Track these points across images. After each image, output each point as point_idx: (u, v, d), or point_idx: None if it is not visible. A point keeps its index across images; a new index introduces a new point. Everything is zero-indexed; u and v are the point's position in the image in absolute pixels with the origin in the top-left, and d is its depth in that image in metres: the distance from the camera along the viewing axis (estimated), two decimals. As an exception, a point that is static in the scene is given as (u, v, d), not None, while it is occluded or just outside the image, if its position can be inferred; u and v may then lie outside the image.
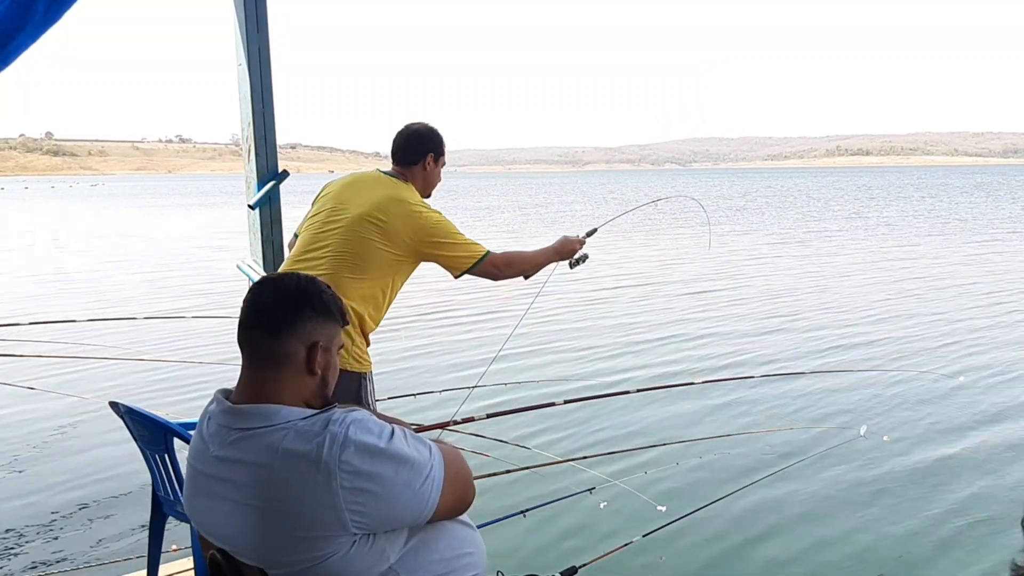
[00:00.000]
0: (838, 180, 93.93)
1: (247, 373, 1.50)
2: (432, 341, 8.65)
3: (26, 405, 6.32)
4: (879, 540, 4.01)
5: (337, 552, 1.40)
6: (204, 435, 1.51)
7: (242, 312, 1.51)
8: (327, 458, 1.36)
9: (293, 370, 1.48)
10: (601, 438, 5.44)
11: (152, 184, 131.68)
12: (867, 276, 13.62)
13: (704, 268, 14.79)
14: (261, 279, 1.61)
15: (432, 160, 2.98)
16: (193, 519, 1.57)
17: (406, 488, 1.43)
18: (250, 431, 1.43)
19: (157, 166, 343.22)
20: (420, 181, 2.97)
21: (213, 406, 1.52)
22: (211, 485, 1.48)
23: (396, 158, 2.98)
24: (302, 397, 1.49)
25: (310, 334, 1.49)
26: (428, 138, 2.99)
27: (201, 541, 1.60)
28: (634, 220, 23.49)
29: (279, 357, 1.47)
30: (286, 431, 1.41)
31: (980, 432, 5.56)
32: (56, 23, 1.55)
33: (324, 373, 1.52)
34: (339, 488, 1.36)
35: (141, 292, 12.84)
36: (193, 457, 1.54)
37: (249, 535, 1.43)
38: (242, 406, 1.46)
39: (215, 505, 1.47)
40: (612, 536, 3.88)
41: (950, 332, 8.84)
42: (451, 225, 2.87)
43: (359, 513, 1.39)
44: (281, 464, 1.38)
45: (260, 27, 3.35)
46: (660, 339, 8.68)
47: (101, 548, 4.00)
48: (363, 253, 2.74)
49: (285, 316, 1.48)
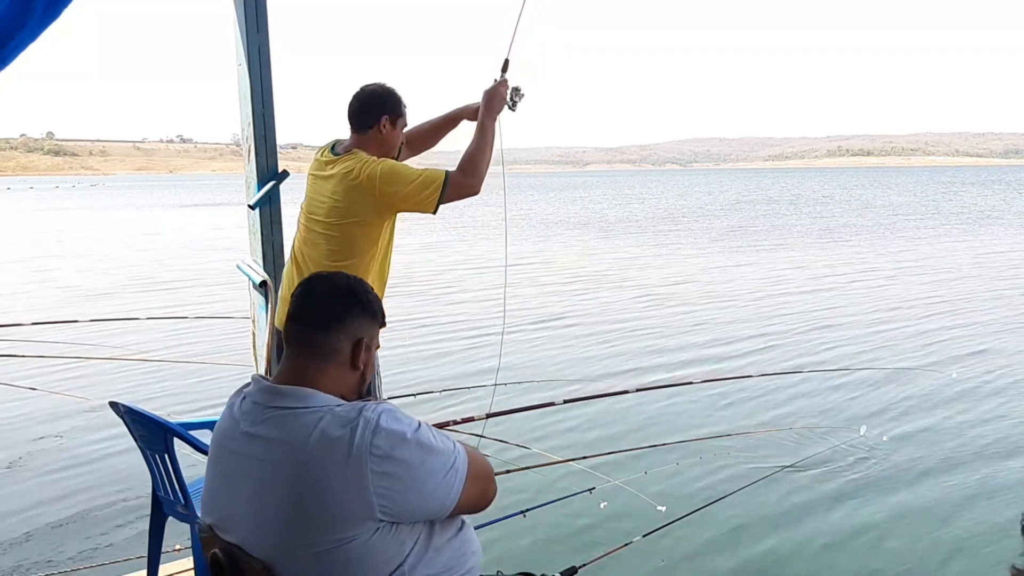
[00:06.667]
0: (834, 179, 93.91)
1: (292, 362, 1.57)
2: (431, 341, 8.64)
3: (27, 405, 6.32)
4: (880, 540, 4.01)
5: (359, 537, 1.42)
6: (235, 413, 1.55)
7: (292, 305, 1.60)
8: (359, 442, 1.41)
9: (337, 364, 1.56)
10: (601, 438, 5.44)
11: (153, 184, 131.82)
12: (877, 275, 13.62)
13: (702, 268, 14.81)
14: (313, 275, 1.70)
15: (388, 123, 2.80)
16: (210, 503, 1.58)
17: (432, 476, 1.47)
18: (287, 410, 1.47)
19: (158, 166, 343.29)
20: (376, 146, 2.80)
21: (250, 386, 1.57)
22: (236, 463, 1.51)
23: (352, 124, 2.83)
24: (340, 390, 1.55)
25: (356, 331, 1.58)
26: (382, 99, 2.80)
27: (202, 541, 1.60)
28: (645, 221, 23.41)
29: (325, 350, 1.55)
30: (323, 414, 1.46)
31: (981, 431, 5.56)
32: (55, 21, 1.56)
33: (364, 370, 1.61)
34: (368, 472, 1.40)
35: (142, 292, 12.85)
36: (220, 436, 1.58)
37: (271, 515, 1.44)
38: (282, 386, 1.52)
39: (237, 485, 1.50)
40: (612, 536, 3.88)
41: (951, 332, 8.83)
42: (402, 167, 2.74)
43: (386, 498, 1.42)
44: (315, 445, 1.42)
45: (260, 27, 3.35)
46: (660, 339, 8.68)
47: (101, 548, 4.00)
48: (346, 242, 2.76)
49: (336, 312, 1.57)
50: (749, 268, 14.95)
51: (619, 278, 13.76)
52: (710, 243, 20.21)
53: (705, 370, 7.26)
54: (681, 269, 15.06)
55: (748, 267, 15.13)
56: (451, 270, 13.69)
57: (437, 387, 6.21)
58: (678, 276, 14.01)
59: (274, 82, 3.42)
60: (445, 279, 13.08)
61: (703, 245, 19.71)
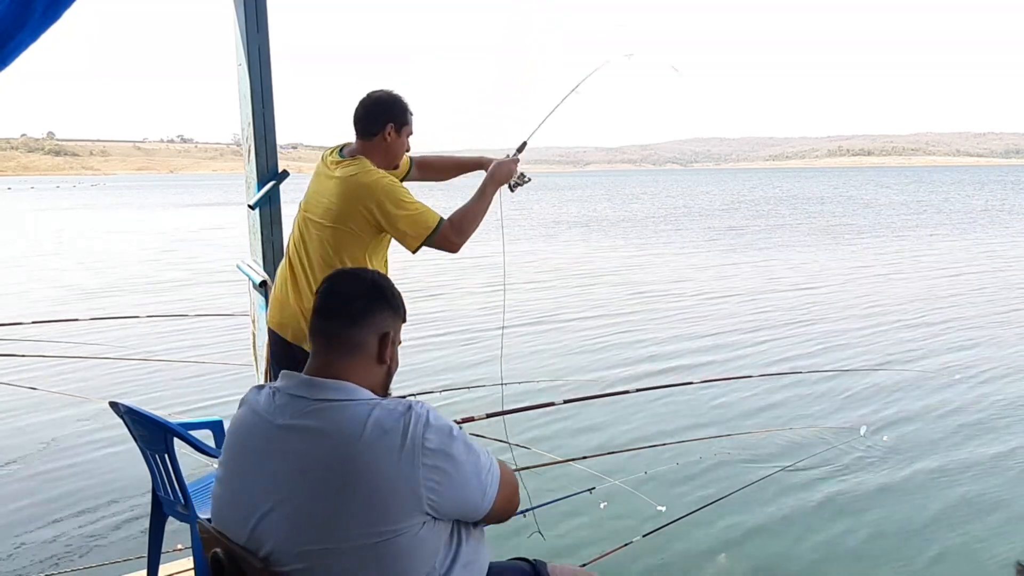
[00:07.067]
0: (834, 179, 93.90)
1: (321, 359, 1.57)
2: (430, 341, 8.64)
3: (28, 405, 6.33)
4: (880, 539, 4.01)
5: (408, 531, 1.43)
6: (260, 410, 1.54)
7: (318, 301, 1.61)
8: (412, 435, 1.43)
9: (365, 359, 1.58)
10: (601, 438, 5.44)
11: (153, 184, 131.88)
12: (874, 276, 13.63)
13: (698, 268, 14.80)
14: (337, 272, 1.72)
15: (393, 130, 2.78)
16: (227, 505, 1.54)
17: (474, 476, 1.51)
18: (336, 402, 1.48)
19: (159, 166, 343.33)
20: (381, 154, 2.78)
21: (280, 382, 1.57)
22: (263, 461, 1.49)
23: (357, 130, 2.81)
24: (369, 385, 1.56)
25: (381, 325, 1.60)
26: (388, 107, 2.78)
27: (203, 541, 1.59)
28: (639, 224, 23.39)
29: (354, 346, 1.57)
30: (373, 406, 1.48)
31: (981, 430, 5.56)
32: (55, 22, 1.56)
33: (390, 364, 1.63)
34: (420, 464, 1.43)
35: (142, 292, 12.86)
36: (242, 435, 1.55)
37: (314, 508, 1.42)
38: (323, 379, 1.52)
39: (260, 483, 1.47)
40: (612, 536, 3.88)
41: (952, 331, 8.83)
42: (403, 192, 2.71)
43: (434, 491, 1.44)
44: (369, 435, 1.43)
45: (260, 27, 3.36)
46: (660, 339, 8.68)
47: (101, 548, 4.01)
48: (337, 246, 2.75)
49: (361, 307, 1.59)
50: (749, 267, 14.95)
51: (618, 277, 13.75)
52: (709, 243, 20.22)
53: (705, 370, 7.26)
54: (681, 269, 15.05)
55: (748, 266, 15.12)
56: (448, 270, 13.69)
57: (436, 387, 6.21)
58: (679, 276, 14.00)
59: (274, 82, 3.42)
60: (442, 279, 13.08)
61: (703, 245, 19.71)
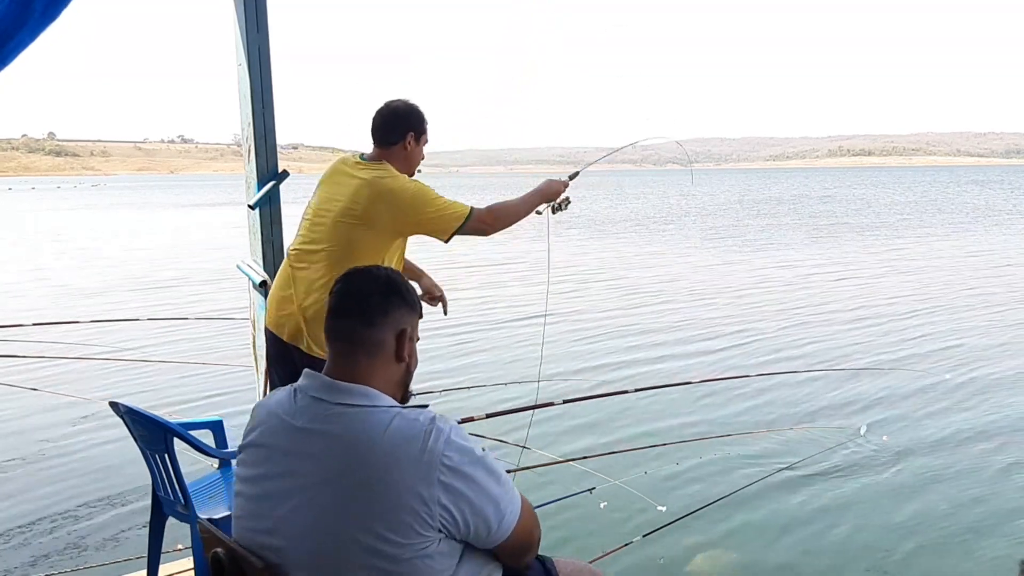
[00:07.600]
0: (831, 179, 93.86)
1: (339, 359, 1.54)
2: (430, 341, 8.64)
3: (29, 405, 6.33)
4: (881, 539, 4.00)
5: (419, 547, 1.39)
6: (280, 412, 1.51)
7: (333, 301, 1.57)
8: (432, 448, 1.40)
9: (384, 358, 1.55)
10: (601, 438, 5.44)
11: (154, 184, 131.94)
12: (869, 275, 13.62)
13: (694, 267, 14.80)
14: (350, 271, 1.65)
15: (413, 139, 2.88)
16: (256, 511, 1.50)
17: (493, 502, 1.46)
18: (358, 408, 1.46)
19: (159, 166, 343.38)
20: (401, 161, 2.87)
21: (301, 381, 1.54)
22: (285, 462, 1.47)
23: (376, 138, 2.88)
24: (390, 384, 1.55)
25: (398, 322, 1.57)
26: (407, 116, 2.87)
27: (203, 541, 1.59)
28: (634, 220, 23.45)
29: (371, 344, 1.53)
30: (394, 414, 1.45)
31: (981, 430, 5.56)
32: (55, 21, 1.56)
33: (409, 361, 1.60)
34: (437, 480, 1.39)
35: (142, 292, 12.86)
36: (266, 436, 1.52)
37: (326, 513, 1.41)
38: (346, 384, 1.49)
39: (282, 486, 1.46)
40: (612, 536, 3.88)
41: (952, 330, 8.83)
42: (430, 192, 2.80)
43: (448, 511, 1.40)
44: (390, 443, 1.40)
45: (260, 27, 3.36)
46: (659, 339, 8.69)
47: (101, 548, 4.01)
48: (352, 247, 2.75)
49: (379, 305, 1.55)
50: (746, 267, 14.94)
51: (618, 277, 13.76)
52: (711, 242, 20.22)
53: (705, 370, 7.26)
54: (681, 268, 15.05)
55: (745, 265, 15.12)
56: (444, 269, 13.69)
57: (436, 387, 6.21)
58: (677, 275, 14.01)
59: (274, 82, 3.42)
60: (441, 279, 13.07)
61: (703, 244, 19.72)
